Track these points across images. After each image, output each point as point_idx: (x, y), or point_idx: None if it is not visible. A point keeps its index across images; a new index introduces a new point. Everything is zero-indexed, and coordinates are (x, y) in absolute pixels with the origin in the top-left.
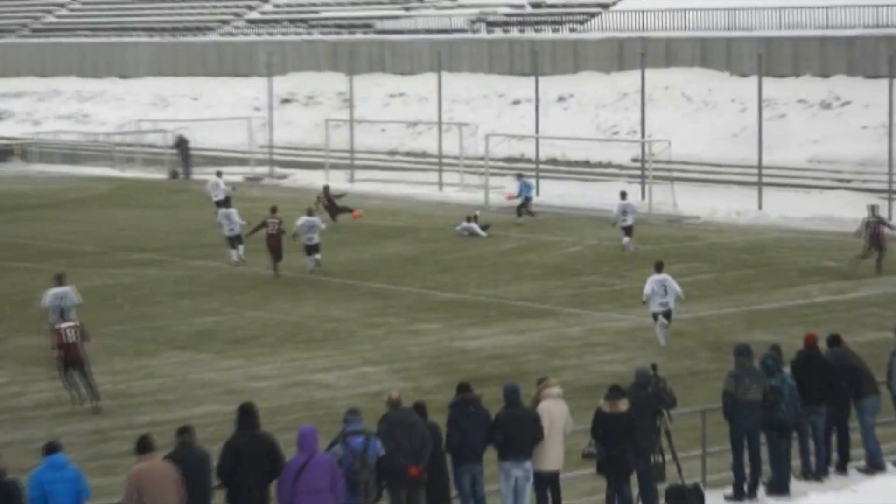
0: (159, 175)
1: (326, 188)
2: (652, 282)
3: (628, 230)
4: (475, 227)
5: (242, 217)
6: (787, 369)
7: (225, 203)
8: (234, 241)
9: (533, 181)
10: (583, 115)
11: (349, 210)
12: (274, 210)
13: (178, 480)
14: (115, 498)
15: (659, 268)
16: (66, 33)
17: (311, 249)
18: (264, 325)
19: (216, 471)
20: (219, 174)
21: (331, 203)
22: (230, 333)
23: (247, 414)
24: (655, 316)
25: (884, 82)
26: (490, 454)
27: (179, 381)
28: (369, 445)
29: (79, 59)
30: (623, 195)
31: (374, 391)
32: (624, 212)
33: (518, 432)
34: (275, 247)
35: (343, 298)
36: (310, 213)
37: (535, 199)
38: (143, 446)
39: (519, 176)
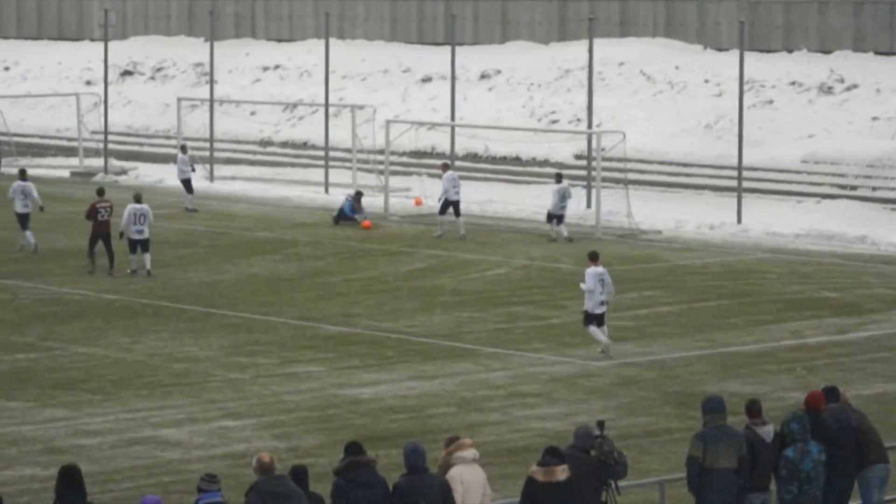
0: None
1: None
2: (593, 275)
3: (560, 218)
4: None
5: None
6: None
7: (21, 176)
8: (28, 220)
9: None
10: (513, 97)
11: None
12: (101, 192)
13: None
14: None
15: (595, 258)
16: None
17: (138, 246)
18: (95, 364)
19: None
20: (183, 149)
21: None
22: (50, 375)
23: (70, 479)
24: (592, 319)
25: None
26: None
27: None
28: None
29: None
30: (559, 178)
31: (238, 452)
32: (563, 197)
33: None
34: (106, 236)
35: (198, 331)
36: (137, 199)
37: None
38: None
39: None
